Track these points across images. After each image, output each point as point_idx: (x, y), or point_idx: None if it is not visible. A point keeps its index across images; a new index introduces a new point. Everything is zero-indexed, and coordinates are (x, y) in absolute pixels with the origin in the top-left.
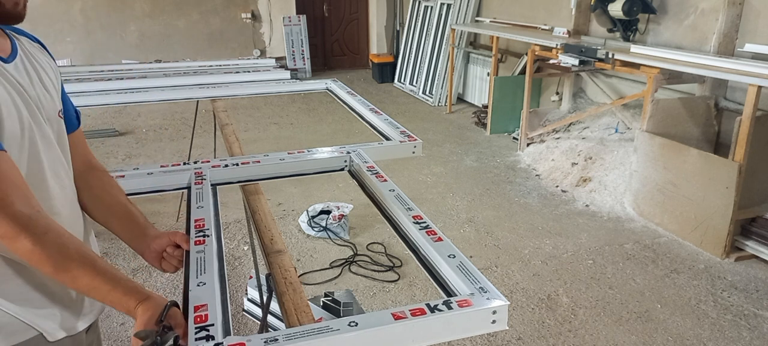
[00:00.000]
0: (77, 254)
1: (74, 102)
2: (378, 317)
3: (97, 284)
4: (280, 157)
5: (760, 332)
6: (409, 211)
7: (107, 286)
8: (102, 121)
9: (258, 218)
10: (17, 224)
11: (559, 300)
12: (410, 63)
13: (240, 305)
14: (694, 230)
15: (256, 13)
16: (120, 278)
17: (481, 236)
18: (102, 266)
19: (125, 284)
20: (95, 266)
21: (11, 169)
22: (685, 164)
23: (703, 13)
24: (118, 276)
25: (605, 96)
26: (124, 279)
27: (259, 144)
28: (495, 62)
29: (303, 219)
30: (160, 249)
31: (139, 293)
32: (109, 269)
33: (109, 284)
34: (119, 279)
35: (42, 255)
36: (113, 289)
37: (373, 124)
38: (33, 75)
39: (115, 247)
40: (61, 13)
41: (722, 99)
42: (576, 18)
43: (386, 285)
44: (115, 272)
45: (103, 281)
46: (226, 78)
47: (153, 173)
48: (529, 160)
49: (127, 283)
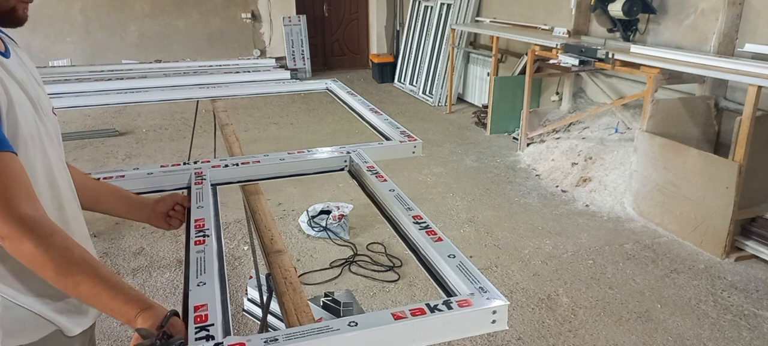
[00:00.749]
0: (81, 259)
1: (74, 102)
2: (378, 317)
3: (99, 291)
4: (280, 157)
5: (760, 332)
6: (409, 211)
7: (109, 293)
8: (102, 121)
9: (258, 218)
10: (22, 226)
11: (559, 300)
12: (410, 63)
13: (240, 305)
14: (694, 230)
15: (256, 13)
16: (122, 286)
17: (481, 236)
18: (105, 273)
19: (127, 293)
20: (98, 272)
21: (20, 171)
22: (685, 164)
23: (703, 13)
24: (121, 284)
25: (605, 96)
26: (126, 287)
27: (259, 144)
28: (495, 62)
29: (303, 219)
30: (166, 210)
31: (140, 302)
32: (111, 277)
33: (111, 291)
34: (121, 287)
35: (45, 258)
36: (114, 297)
37: (373, 124)
38: (27, 71)
39: (115, 247)
40: (61, 13)
41: (722, 99)
42: (576, 18)
43: (386, 285)
44: (117, 279)
45: (105, 288)
46: (226, 78)
47: (153, 173)
48: (529, 160)
49: (129, 291)
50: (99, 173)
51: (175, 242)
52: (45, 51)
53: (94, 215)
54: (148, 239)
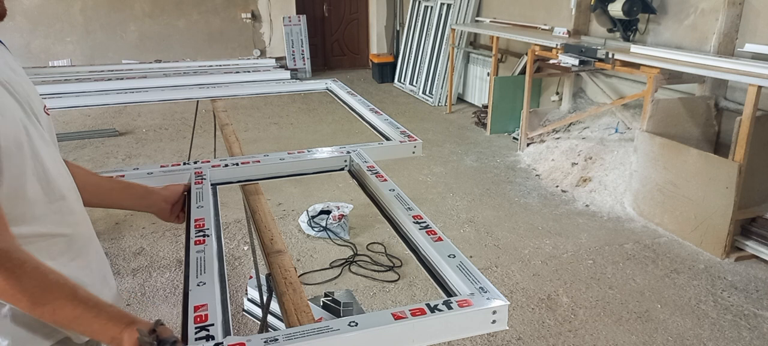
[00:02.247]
0: (55, 284)
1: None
2: (378, 317)
3: (78, 314)
4: (280, 157)
5: (760, 332)
6: (409, 211)
7: (90, 314)
8: (102, 121)
9: (258, 218)
10: None
11: (559, 300)
12: (410, 63)
13: (240, 305)
14: (694, 230)
15: (256, 13)
16: (103, 306)
17: (481, 236)
18: (83, 294)
19: (108, 311)
20: (76, 295)
21: None
22: (685, 164)
23: (703, 13)
24: (101, 304)
25: (605, 96)
26: (107, 306)
27: (259, 144)
28: (495, 62)
29: (303, 219)
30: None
31: (124, 317)
32: (90, 298)
33: (91, 312)
34: (102, 307)
35: (17, 290)
36: (97, 317)
37: (373, 124)
38: (12, 70)
39: (116, 247)
40: (61, 13)
41: (722, 99)
42: (576, 18)
43: (386, 285)
44: (97, 300)
45: (85, 309)
46: (226, 78)
47: (153, 173)
48: (529, 160)
49: (110, 309)
50: (99, 173)
51: (175, 242)
52: (45, 51)
53: (93, 216)
54: (148, 239)
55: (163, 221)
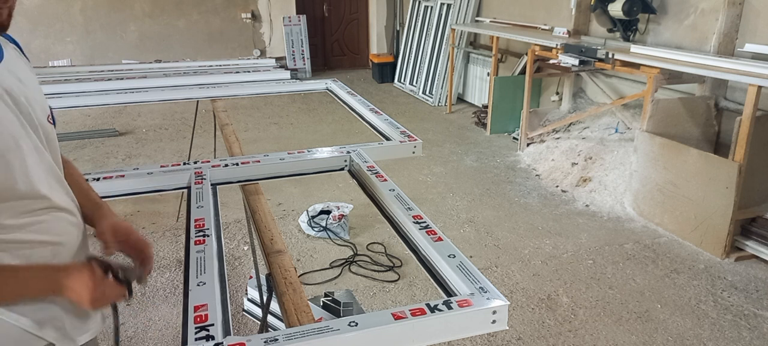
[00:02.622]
0: None
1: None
2: (378, 317)
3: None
4: (280, 157)
5: (760, 332)
6: (409, 211)
7: (25, 275)
8: (102, 121)
9: (258, 217)
10: None
11: (559, 300)
12: (410, 63)
13: (240, 305)
14: (694, 230)
15: (256, 13)
16: (34, 265)
17: (481, 236)
18: (13, 265)
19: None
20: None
21: None
22: (685, 164)
23: (703, 13)
24: (32, 265)
25: (605, 96)
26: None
27: (259, 144)
28: (495, 62)
29: (303, 219)
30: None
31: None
32: (23, 265)
33: (26, 272)
34: (33, 266)
35: None
36: (34, 276)
37: (373, 124)
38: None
39: None
40: (61, 13)
41: (722, 99)
42: (576, 18)
43: (386, 285)
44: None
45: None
46: (226, 78)
47: (153, 173)
48: (529, 160)
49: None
50: (99, 173)
51: (175, 242)
52: (45, 51)
53: None
54: (147, 238)
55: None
